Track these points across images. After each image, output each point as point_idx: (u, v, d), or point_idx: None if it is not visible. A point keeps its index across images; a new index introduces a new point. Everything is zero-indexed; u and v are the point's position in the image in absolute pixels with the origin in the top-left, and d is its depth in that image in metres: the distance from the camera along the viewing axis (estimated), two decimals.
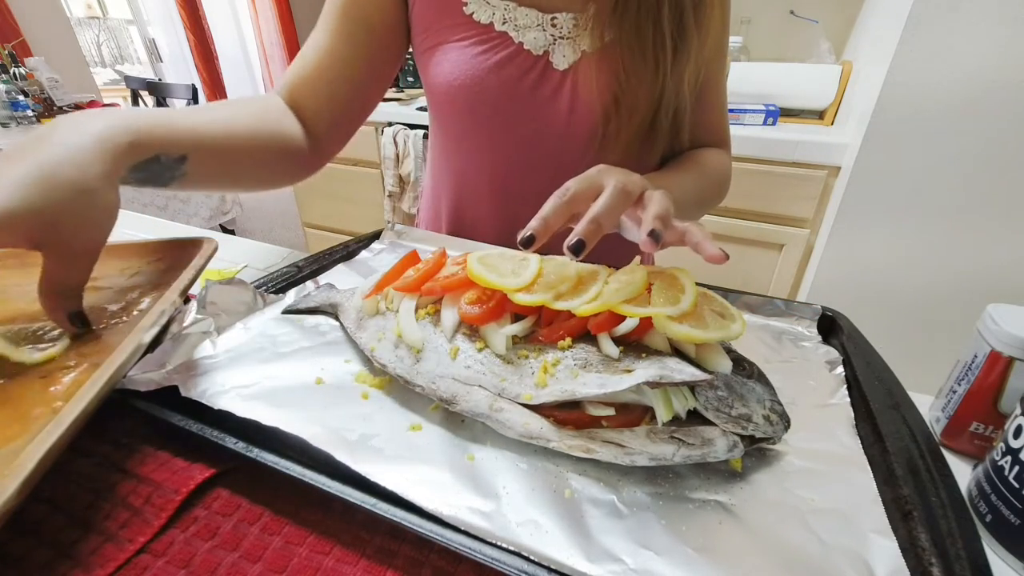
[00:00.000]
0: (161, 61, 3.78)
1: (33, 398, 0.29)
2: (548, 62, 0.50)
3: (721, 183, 0.58)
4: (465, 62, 0.50)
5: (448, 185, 0.61)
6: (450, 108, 0.54)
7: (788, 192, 1.19)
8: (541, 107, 0.51)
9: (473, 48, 0.50)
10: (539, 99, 0.51)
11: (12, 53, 2.04)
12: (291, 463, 0.26)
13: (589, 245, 0.31)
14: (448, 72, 0.51)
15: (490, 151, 0.55)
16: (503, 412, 0.29)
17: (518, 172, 0.55)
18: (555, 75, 0.50)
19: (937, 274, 1.07)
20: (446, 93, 0.52)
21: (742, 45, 1.43)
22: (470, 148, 0.56)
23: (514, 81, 0.50)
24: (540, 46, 0.50)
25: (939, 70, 0.94)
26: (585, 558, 0.22)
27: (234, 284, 0.40)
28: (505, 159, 0.55)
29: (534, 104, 0.51)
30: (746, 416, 0.27)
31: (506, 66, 0.50)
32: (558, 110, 0.51)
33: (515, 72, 0.50)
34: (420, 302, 0.36)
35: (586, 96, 0.51)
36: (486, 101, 0.51)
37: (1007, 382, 0.30)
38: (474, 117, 0.53)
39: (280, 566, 0.23)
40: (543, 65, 0.50)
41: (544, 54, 0.50)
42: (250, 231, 2.79)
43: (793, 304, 0.43)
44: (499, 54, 0.50)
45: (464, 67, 0.50)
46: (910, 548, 0.23)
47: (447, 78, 0.51)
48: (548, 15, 0.49)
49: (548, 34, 0.50)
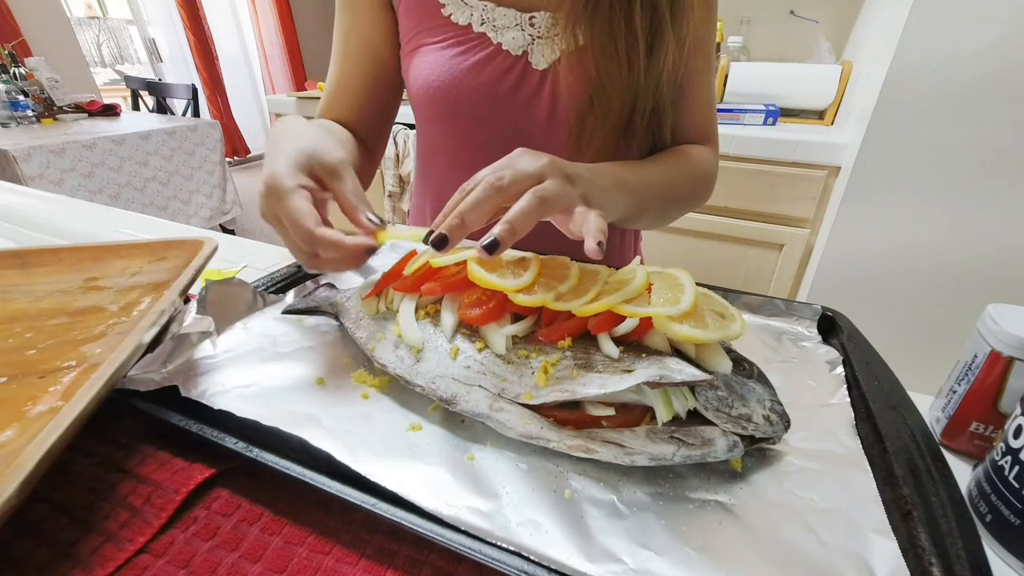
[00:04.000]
0: (161, 61, 3.77)
1: (33, 398, 0.29)
2: (527, 62, 0.50)
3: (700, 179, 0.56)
4: (443, 63, 0.50)
5: (431, 185, 0.62)
6: (429, 110, 0.54)
7: (788, 192, 1.19)
8: (521, 107, 0.51)
9: (451, 49, 0.50)
10: (519, 99, 0.51)
11: (12, 53, 2.04)
12: (291, 463, 0.26)
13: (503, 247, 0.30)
14: (427, 74, 0.51)
15: (469, 151, 0.55)
16: (503, 412, 0.29)
17: None
18: (535, 75, 0.50)
19: (937, 274, 1.07)
20: (425, 95, 0.52)
21: (742, 45, 1.43)
22: (450, 149, 0.57)
23: (493, 82, 0.50)
24: (519, 46, 0.50)
25: (939, 70, 0.94)
26: (585, 558, 0.22)
27: (234, 284, 0.40)
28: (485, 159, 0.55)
29: (514, 104, 0.51)
30: (746, 416, 0.27)
31: (485, 67, 0.50)
32: (538, 110, 0.51)
33: (494, 73, 0.50)
34: (420, 302, 0.36)
35: (566, 96, 0.50)
36: (464, 102, 0.51)
37: (1007, 382, 0.30)
38: (453, 118, 0.53)
39: (280, 566, 0.23)
40: (522, 65, 0.50)
41: (523, 54, 0.50)
42: (250, 231, 2.79)
43: (793, 304, 0.43)
44: (478, 55, 0.50)
45: (442, 68, 0.50)
46: (910, 548, 0.23)
47: (426, 80, 0.51)
48: (526, 14, 0.49)
49: (526, 34, 0.50)
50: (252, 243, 0.64)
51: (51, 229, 0.67)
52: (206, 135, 2.25)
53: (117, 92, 3.65)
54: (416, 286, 0.36)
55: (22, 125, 1.95)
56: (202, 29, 3.59)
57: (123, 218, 0.73)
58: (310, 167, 0.35)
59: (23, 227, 0.68)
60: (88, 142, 1.78)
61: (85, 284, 0.42)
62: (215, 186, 2.35)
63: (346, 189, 0.35)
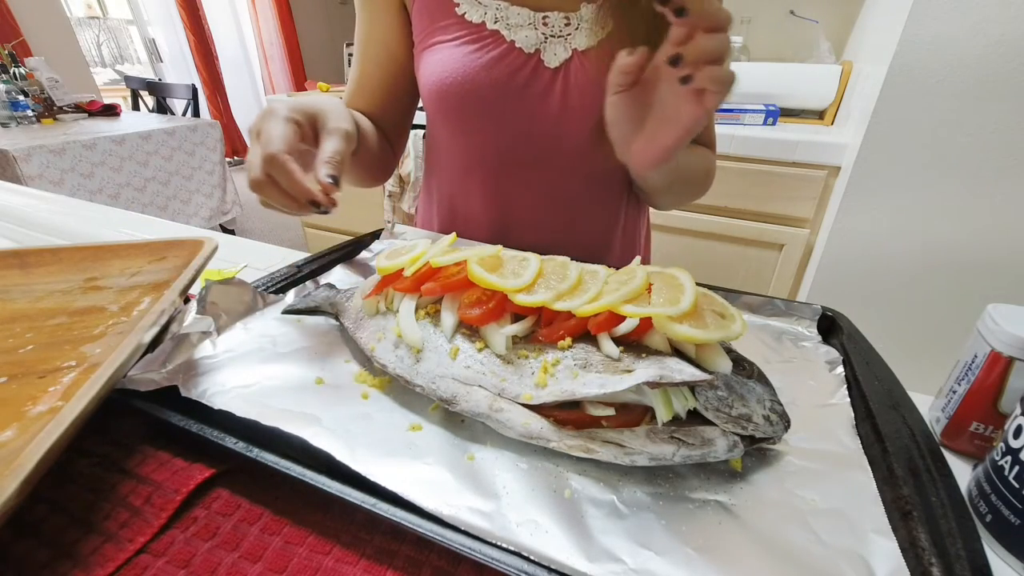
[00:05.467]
0: (161, 61, 3.77)
1: (33, 398, 0.29)
2: (539, 60, 0.51)
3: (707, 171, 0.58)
4: (456, 60, 0.51)
5: (441, 182, 0.63)
6: (441, 106, 0.55)
7: (788, 192, 1.19)
8: (532, 105, 0.52)
9: (465, 47, 0.51)
10: (530, 97, 0.51)
11: (12, 53, 2.04)
12: (291, 463, 0.26)
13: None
14: (440, 71, 0.52)
15: (480, 148, 0.56)
16: (503, 412, 0.29)
17: (509, 169, 0.56)
18: (546, 73, 0.51)
19: (937, 274, 1.07)
20: (437, 91, 0.53)
21: (742, 45, 1.43)
22: (462, 145, 0.57)
23: (505, 79, 0.50)
24: (531, 44, 0.50)
25: (939, 70, 0.94)
26: (585, 558, 0.22)
27: (234, 284, 0.40)
28: (496, 156, 0.56)
29: (525, 102, 0.52)
30: (746, 416, 0.27)
31: (497, 64, 0.50)
32: (549, 108, 0.52)
33: (506, 70, 0.50)
34: (420, 302, 0.36)
35: (577, 94, 0.51)
36: (476, 98, 0.52)
37: (1007, 382, 0.30)
38: (465, 114, 0.54)
39: (280, 566, 0.23)
40: (534, 63, 0.51)
41: (535, 52, 0.50)
42: (250, 231, 2.79)
43: (793, 304, 0.43)
44: (490, 52, 0.50)
45: (455, 65, 0.51)
46: (910, 548, 0.23)
47: (438, 76, 0.52)
48: (540, 14, 0.50)
49: (540, 32, 0.50)
50: (252, 243, 0.64)
51: (51, 229, 0.67)
52: (206, 135, 2.25)
53: (117, 92, 3.65)
54: (416, 286, 0.36)
55: (22, 125, 1.94)
56: (202, 29, 3.59)
57: (123, 218, 0.73)
58: (311, 117, 0.39)
59: (23, 227, 0.68)
60: (88, 142, 1.78)
61: (85, 284, 0.42)
62: (215, 186, 2.35)
63: (326, 147, 0.37)
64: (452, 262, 0.36)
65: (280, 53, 3.78)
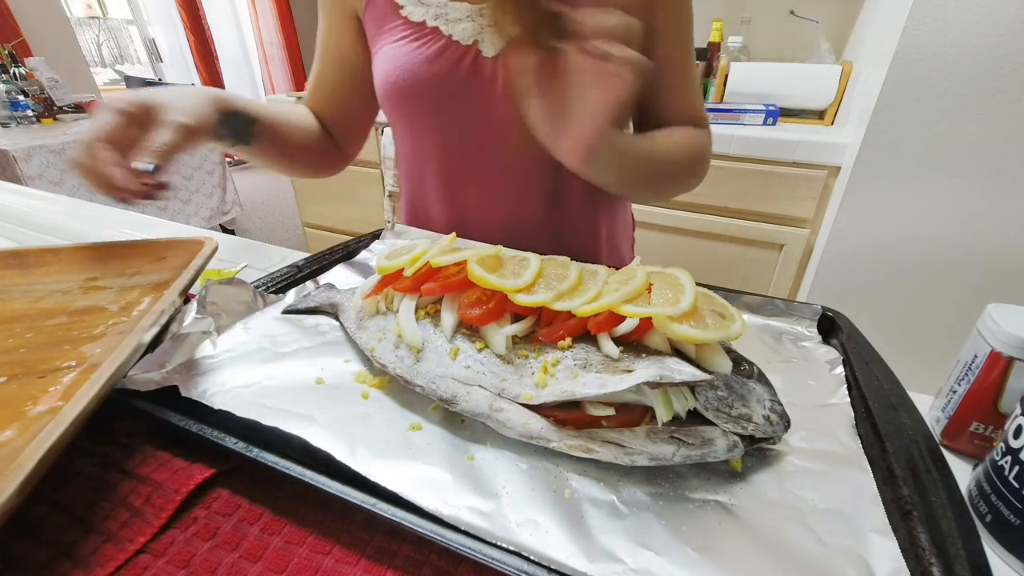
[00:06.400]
0: (161, 61, 3.77)
1: (33, 398, 0.29)
2: (478, 51, 0.51)
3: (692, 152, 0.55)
4: (399, 59, 0.53)
5: (403, 177, 0.66)
6: (389, 105, 0.57)
7: (788, 192, 1.19)
8: (476, 95, 0.53)
9: (408, 45, 0.52)
10: (474, 87, 0.52)
11: (12, 53, 2.04)
12: (291, 463, 0.26)
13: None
14: (386, 70, 0.54)
15: (431, 140, 0.57)
16: (503, 412, 0.29)
17: (460, 159, 0.57)
18: (486, 63, 0.51)
19: (937, 274, 1.07)
20: (385, 90, 0.55)
21: (742, 45, 1.43)
22: (415, 140, 0.59)
23: (446, 72, 0.52)
24: (469, 36, 0.51)
25: (939, 70, 0.94)
26: (585, 558, 0.22)
27: (234, 284, 0.40)
28: (447, 148, 0.57)
29: (469, 92, 0.52)
30: (746, 416, 0.27)
31: (437, 58, 0.51)
32: (492, 97, 0.52)
33: (446, 64, 0.51)
34: (420, 302, 0.36)
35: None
36: (422, 93, 0.53)
37: (1007, 382, 0.30)
38: (413, 109, 0.55)
39: (280, 566, 0.23)
40: (473, 54, 0.51)
41: (473, 43, 0.51)
42: (250, 231, 2.79)
43: (793, 304, 0.43)
44: (431, 48, 0.51)
45: (397, 63, 0.53)
46: (910, 548, 0.23)
47: (385, 75, 0.54)
48: (477, 6, 0.51)
49: (476, 24, 0.51)
50: (252, 243, 0.64)
51: (51, 229, 0.67)
52: None
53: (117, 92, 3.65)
54: (416, 286, 0.36)
55: (22, 125, 1.95)
56: (202, 29, 3.59)
57: (123, 218, 0.73)
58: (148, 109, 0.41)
59: (23, 227, 0.68)
60: None
61: (85, 284, 0.42)
62: (215, 186, 2.35)
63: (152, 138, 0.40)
64: (452, 262, 0.36)
65: (280, 53, 3.78)
